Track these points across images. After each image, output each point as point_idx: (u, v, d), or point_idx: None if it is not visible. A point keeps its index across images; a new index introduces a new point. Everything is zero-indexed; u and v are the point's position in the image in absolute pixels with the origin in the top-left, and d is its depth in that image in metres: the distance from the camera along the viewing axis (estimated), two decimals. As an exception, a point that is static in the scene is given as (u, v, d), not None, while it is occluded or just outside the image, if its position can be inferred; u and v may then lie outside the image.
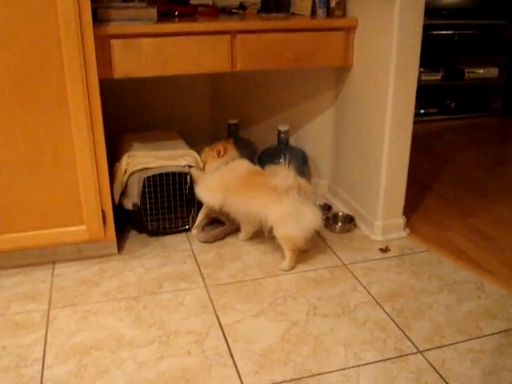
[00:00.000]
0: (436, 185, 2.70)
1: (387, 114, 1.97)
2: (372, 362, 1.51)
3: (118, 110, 2.49)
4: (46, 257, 1.97)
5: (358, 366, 1.49)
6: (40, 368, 1.49)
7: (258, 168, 2.07)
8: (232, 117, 2.47)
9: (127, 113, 2.52)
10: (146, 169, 2.06)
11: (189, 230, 2.19)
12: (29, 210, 1.83)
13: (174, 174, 2.08)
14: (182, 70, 1.98)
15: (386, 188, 2.06)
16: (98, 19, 1.88)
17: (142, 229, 2.15)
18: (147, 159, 2.09)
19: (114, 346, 1.57)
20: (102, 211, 1.90)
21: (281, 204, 1.84)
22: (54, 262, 1.98)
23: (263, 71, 2.45)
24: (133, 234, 2.18)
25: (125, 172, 2.08)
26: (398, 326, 1.65)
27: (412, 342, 1.58)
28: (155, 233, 2.15)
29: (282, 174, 1.87)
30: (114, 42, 1.87)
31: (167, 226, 2.16)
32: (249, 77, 2.53)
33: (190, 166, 2.10)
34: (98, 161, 1.84)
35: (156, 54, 1.92)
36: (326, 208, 2.34)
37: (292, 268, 1.94)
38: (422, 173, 2.83)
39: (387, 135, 1.99)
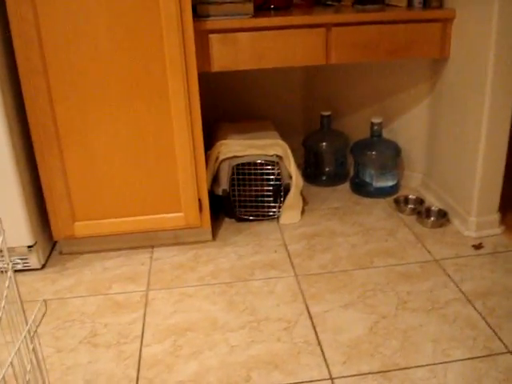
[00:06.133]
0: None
1: (485, 106, 1.92)
2: (460, 360, 1.50)
3: (215, 99, 2.58)
4: (146, 241, 2.08)
5: (446, 362, 1.49)
6: (138, 346, 1.60)
7: None
8: (325, 108, 2.50)
9: (223, 102, 2.60)
10: (236, 157, 2.14)
11: (275, 217, 2.25)
12: (131, 197, 1.95)
13: (261, 163, 2.14)
14: (277, 63, 2.02)
15: (481, 183, 2.02)
16: (198, 14, 1.96)
17: (230, 215, 2.24)
18: (238, 147, 2.16)
19: (207, 328, 1.65)
20: (199, 199, 1.98)
21: None
22: (152, 247, 2.10)
23: (356, 63, 2.45)
24: (226, 221, 2.27)
25: (216, 159, 2.16)
26: (489, 325, 1.62)
27: (502, 342, 1.56)
28: (243, 219, 2.23)
29: None
30: (212, 37, 1.94)
31: (254, 213, 2.23)
32: (342, 68, 2.54)
33: (278, 156, 2.15)
34: (196, 150, 1.92)
35: (252, 47, 1.97)
36: (419, 202, 2.32)
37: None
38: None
39: (484, 128, 1.94)
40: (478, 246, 2.01)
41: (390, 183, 2.41)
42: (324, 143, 2.47)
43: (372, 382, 1.44)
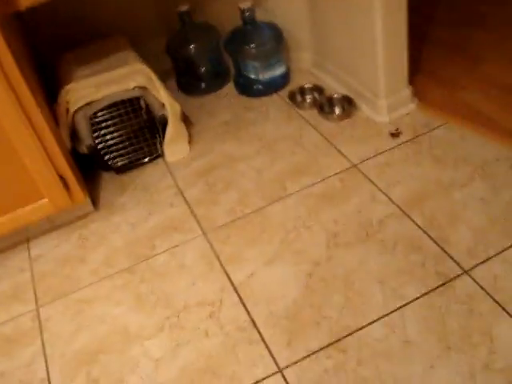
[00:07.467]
0: (435, 27, 2.25)
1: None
2: (415, 299, 1.29)
3: (47, 27, 2.01)
4: (17, 236, 1.69)
5: (400, 307, 1.29)
6: (49, 391, 1.31)
7: None
8: (180, 2, 2.00)
9: (59, 27, 2.03)
10: (91, 103, 1.71)
11: (160, 156, 1.90)
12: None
13: (123, 101, 1.73)
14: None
15: (384, 54, 1.68)
16: None
17: (107, 169, 1.85)
18: (89, 90, 1.71)
19: (120, 343, 1.36)
20: (61, 177, 1.58)
21: None
22: (27, 240, 1.71)
23: None
24: (104, 177, 1.88)
25: (67, 111, 1.72)
26: (434, 241, 1.41)
27: (454, 260, 1.36)
28: (123, 169, 1.86)
29: None
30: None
31: (134, 159, 1.86)
32: None
33: (141, 88, 1.73)
34: (33, 120, 1.46)
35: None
36: (317, 90, 1.98)
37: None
38: (419, 15, 2.34)
39: None
40: (395, 134, 1.74)
41: (279, 72, 2.04)
42: (191, 45, 2.02)
43: (326, 360, 1.23)
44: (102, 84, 1.73)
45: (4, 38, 1.35)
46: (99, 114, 1.73)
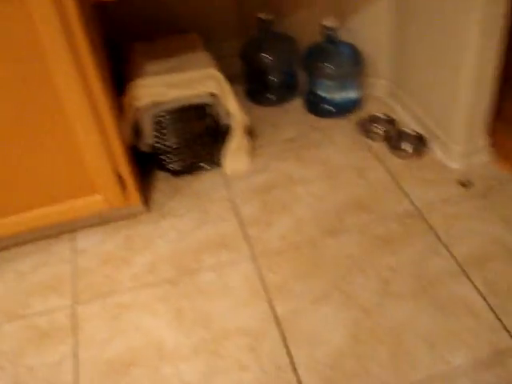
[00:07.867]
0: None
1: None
2: (462, 369, 1.23)
3: (125, 14, 1.96)
4: (65, 226, 1.67)
5: (447, 375, 1.22)
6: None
7: None
8: (263, 9, 1.94)
9: (136, 16, 1.99)
10: (158, 102, 1.67)
11: (218, 166, 1.84)
12: (23, 186, 1.49)
13: (191, 106, 1.69)
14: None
15: (468, 98, 1.60)
16: None
17: (164, 169, 1.82)
18: (158, 89, 1.67)
19: (154, 358, 1.33)
20: (119, 175, 1.55)
21: None
22: (74, 231, 1.69)
23: None
24: (160, 177, 1.84)
25: (133, 107, 1.69)
26: (492, 309, 1.34)
27: (510, 335, 1.29)
28: (180, 173, 1.82)
29: None
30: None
31: (192, 164, 1.82)
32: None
33: (211, 94, 1.69)
34: (99, 111, 1.42)
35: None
36: (389, 122, 1.90)
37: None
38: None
39: (473, 26, 1.47)
40: (466, 184, 1.66)
41: (352, 95, 1.97)
42: (267, 54, 1.96)
43: (362, 420, 1.18)
44: (172, 85, 1.68)
45: (82, 25, 1.30)
46: (165, 114, 1.69)
